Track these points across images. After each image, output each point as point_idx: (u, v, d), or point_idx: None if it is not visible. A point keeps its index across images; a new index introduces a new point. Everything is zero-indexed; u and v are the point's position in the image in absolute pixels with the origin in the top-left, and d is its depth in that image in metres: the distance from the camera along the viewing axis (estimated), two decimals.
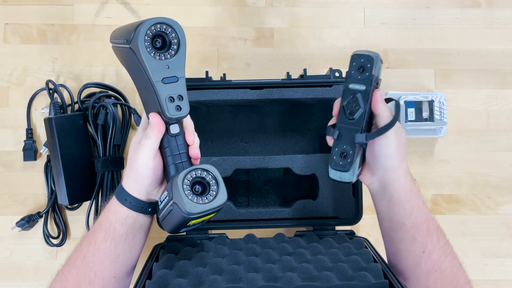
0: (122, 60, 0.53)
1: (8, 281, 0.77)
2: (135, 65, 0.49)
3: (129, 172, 0.52)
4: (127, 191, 0.52)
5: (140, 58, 0.48)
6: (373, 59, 0.52)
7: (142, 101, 0.53)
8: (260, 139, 0.78)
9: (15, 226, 0.75)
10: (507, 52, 0.83)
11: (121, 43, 0.50)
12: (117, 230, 0.52)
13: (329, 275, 0.51)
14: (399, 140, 0.53)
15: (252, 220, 0.69)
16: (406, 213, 0.53)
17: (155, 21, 0.48)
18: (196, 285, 0.52)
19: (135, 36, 0.47)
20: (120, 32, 0.51)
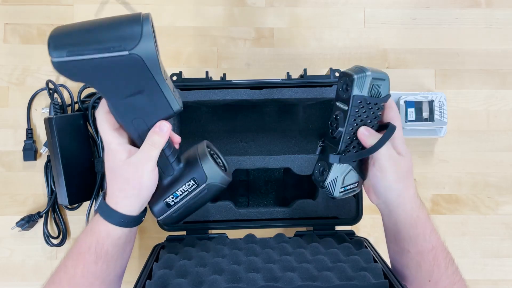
0: (98, 75, 0.43)
1: (8, 281, 0.77)
2: (131, 74, 0.44)
3: (126, 191, 0.48)
4: (120, 212, 0.48)
5: (151, 62, 0.43)
6: (353, 79, 0.48)
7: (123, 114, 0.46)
8: (260, 139, 0.78)
9: (15, 226, 0.75)
10: (507, 52, 0.83)
11: (109, 52, 0.42)
12: (110, 252, 0.49)
13: (329, 275, 0.51)
14: (398, 170, 0.51)
15: (252, 220, 0.69)
16: (411, 240, 0.52)
17: (148, 16, 0.43)
18: (196, 285, 0.52)
19: (145, 37, 0.42)
20: (95, 39, 0.42)
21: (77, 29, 0.43)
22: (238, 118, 0.77)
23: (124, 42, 0.42)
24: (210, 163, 0.51)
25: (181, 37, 0.82)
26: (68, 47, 0.42)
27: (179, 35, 0.82)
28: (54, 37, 0.42)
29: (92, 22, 0.43)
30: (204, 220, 0.69)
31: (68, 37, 0.43)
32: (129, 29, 0.42)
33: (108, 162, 0.48)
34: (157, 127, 0.47)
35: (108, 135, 0.47)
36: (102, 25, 0.43)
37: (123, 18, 0.44)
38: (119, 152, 0.47)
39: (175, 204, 0.51)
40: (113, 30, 0.43)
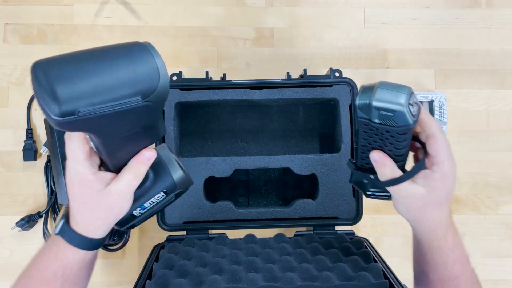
0: (101, 123, 0.38)
1: (8, 281, 0.77)
2: (139, 117, 0.40)
3: (105, 219, 0.45)
4: (89, 237, 0.45)
5: (163, 102, 0.40)
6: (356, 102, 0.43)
7: (109, 146, 0.42)
8: (260, 139, 0.78)
9: (15, 226, 0.75)
10: (507, 52, 0.83)
11: (125, 105, 0.37)
12: (79, 275, 0.46)
13: (329, 275, 0.51)
14: (411, 202, 0.46)
15: (252, 220, 0.69)
16: (430, 266, 0.48)
17: (157, 52, 0.40)
18: (196, 285, 0.52)
19: (162, 85, 0.39)
20: (108, 89, 0.37)
21: (84, 74, 0.37)
22: (238, 118, 0.77)
23: (141, 92, 0.38)
24: (179, 171, 0.47)
25: (181, 37, 0.82)
26: (79, 104, 0.36)
27: (179, 35, 0.82)
28: (58, 88, 0.35)
29: (98, 63, 0.37)
30: (204, 220, 0.69)
31: (77, 88, 0.36)
32: (146, 76, 0.38)
33: (82, 194, 0.43)
34: (143, 156, 0.44)
35: (81, 166, 0.43)
36: (113, 69, 0.37)
37: (133, 57, 0.39)
38: (94, 183, 0.43)
39: (141, 215, 0.48)
40: (128, 76, 0.38)
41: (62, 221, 0.46)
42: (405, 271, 0.56)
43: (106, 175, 0.44)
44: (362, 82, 0.84)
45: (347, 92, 0.69)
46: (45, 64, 0.37)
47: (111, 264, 0.78)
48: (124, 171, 0.44)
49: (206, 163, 0.68)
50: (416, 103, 0.42)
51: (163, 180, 0.47)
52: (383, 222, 0.79)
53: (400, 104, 0.40)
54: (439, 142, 0.44)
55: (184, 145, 0.76)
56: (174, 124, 0.69)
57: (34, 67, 0.36)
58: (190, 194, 0.68)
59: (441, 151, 0.44)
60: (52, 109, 0.35)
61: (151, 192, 0.47)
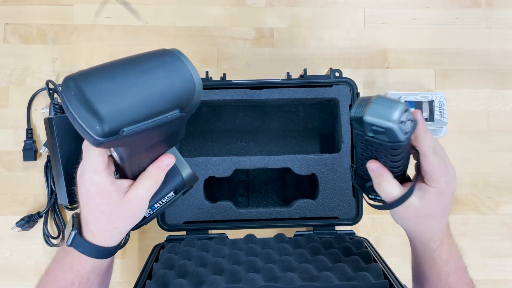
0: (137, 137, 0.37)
1: (8, 281, 0.77)
2: (170, 127, 0.39)
3: (122, 228, 0.44)
4: (105, 247, 0.45)
5: (193, 111, 0.40)
6: (351, 115, 0.44)
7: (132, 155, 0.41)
8: (260, 139, 0.78)
9: (15, 226, 0.75)
10: (507, 52, 0.83)
11: (164, 119, 0.37)
12: (97, 282, 0.46)
13: (329, 275, 0.51)
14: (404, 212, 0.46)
15: (252, 220, 0.69)
16: (426, 277, 0.49)
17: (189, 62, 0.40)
18: (196, 285, 0.52)
19: (197, 95, 0.39)
20: (150, 105, 0.36)
21: (124, 90, 0.35)
22: (238, 118, 0.77)
23: (180, 104, 0.37)
24: (187, 168, 0.47)
25: (181, 37, 0.82)
26: (123, 123, 0.35)
27: (179, 35, 0.82)
28: (101, 106, 0.33)
29: (135, 77, 0.36)
30: (204, 220, 0.69)
31: (120, 106, 0.34)
32: (184, 87, 0.38)
33: (100, 205, 0.42)
34: (162, 162, 0.43)
35: (99, 177, 0.41)
36: (151, 83, 0.36)
37: (168, 68, 0.38)
38: (113, 193, 0.42)
39: (150, 216, 0.48)
40: (167, 90, 0.37)
41: (74, 232, 0.44)
42: (405, 271, 0.56)
43: (123, 183, 0.43)
44: (362, 82, 0.85)
45: (347, 92, 0.69)
46: (79, 79, 0.34)
47: None
48: (143, 178, 0.43)
49: (206, 163, 0.68)
50: (412, 120, 0.42)
51: (174, 180, 0.47)
52: (383, 222, 0.79)
53: (391, 121, 0.40)
54: (430, 162, 0.44)
55: (184, 145, 0.76)
56: None
57: (67, 83, 0.34)
58: (190, 194, 0.68)
59: (434, 170, 0.44)
60: (95, 130, 0.33)
61: (162, 192, 0.46)
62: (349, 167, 0.51)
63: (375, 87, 0.82)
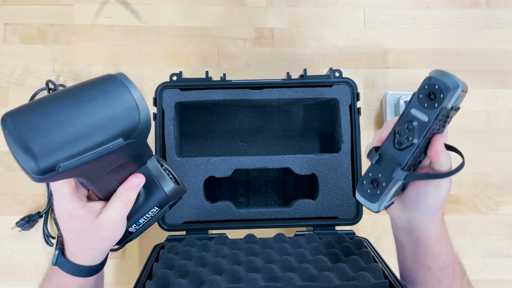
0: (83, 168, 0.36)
1: (8, 281, 0.77)
2: (123, 155, 0.39)
3: (99, 248, 0.45)
4: (86, 266, 0.45)
5: (146, 135, 0.39)
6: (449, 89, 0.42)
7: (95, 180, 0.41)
8: (260, 139, 0.78)
9: (15, 226, 0.75)
10: (507, 52, 0.83)
11: (106, 150, 0.36)
12: None
13: (329, 275, 0.51)
14: (448, 192, 0.47)
15: (252, 220, 0.69)
16: (433, 257, 0.50)
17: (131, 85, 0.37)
18: (196, 285, 0.52)
19: (144, 121, 0.37)
20: (86, 136, 0.35)
21: (59, 124, 0.34)
22: (238, 118, 0.77)
23: (122, 133, 0.36)
24: (169, 182, 0.46)
25: (181, 37, 0.82)
26: (58, 159, 0.34)
27: (179, 35, 0.82)
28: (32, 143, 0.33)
29: (72, 109, 0.35)
30: (204, 220, 0.69)
31: (53, 141, 0.33)
32: (126, 115, 0.36)
33: (73, 228, 0.43)
34: (131, 183, 0.43)
35: (67, 202, 0.41)
36: (89, 114, 0.35)
37: (109, 96, 0.36)
38: (84, 216, 0.42)
39: (136, 231, 0.48)
40: (106, 120, 0.35)
41: (57, 252, 0.45)
42: None
43: (95, 205, 0.44)
44: (362, 82, 0.84)
45: (347, 92, 0.69)
46: (15, 116, 0.34)
47: (111, 264, 0.78)
48: (114, 199, 0.43)
49: (206, 163, 0.68)
50: None
51: (156, 195, 0.46)
52: (383, 222, 0.80)
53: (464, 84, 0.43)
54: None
55: (184, 145, 0.76)
56: (174, 124, 0.69)
57: (4, 121, 0.34)
58: (190, 194, 0.68)
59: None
60: (30, 167, 0.33)
61: (145, 208, 0.46)
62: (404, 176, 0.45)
63: (375, 87, 0.82)
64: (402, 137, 0.44)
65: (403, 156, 0.44)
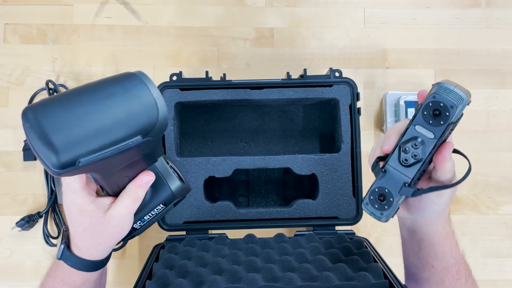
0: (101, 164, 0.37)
1: (8, 281, 0.77)
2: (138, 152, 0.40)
3: (107, 243, 0.45)
4: (92, 260, 0.46)
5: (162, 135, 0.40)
6: (455, 106, 0.41)
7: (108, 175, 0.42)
8: (260, 139, 0.78)
9: (15, 226, 0.75)
10: (507, 52, 0.83)
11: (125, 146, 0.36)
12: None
13: (329, 275, 0.51)
14: (452, 197, 0.47)
15: (252, 220, 0.69)
16: (437, 257, 0.49)
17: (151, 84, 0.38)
18: (196, 285, 0.52)
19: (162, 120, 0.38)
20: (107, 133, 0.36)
21: (80, 119, 0.35)
22: (238, 118, 0.77)
23: (141, 131, 0.37)
24: (176, 181, 0.47)
25: (181, 37, 0.82)
26: (79, 153, 0.34)
27: (179, 35, 0.82)
28: (55, 137, 0.33)
29: (93, 104, 0.36)
30: (204, 220, 0.69)
31: (75, 136, 0.34)
32: (145, 112, 0.37)
33: (82, 222, 0.44)
34: (141, 180, 0.44)
35: (78, 196, 0.42)
36: (110, 110, 0.36)
37: (129, 93, 0.37)
38: (94, 211, 0.43)
39: (141, 227, 0.49)
40: (126, 117, 0.36)
41: (62, 246, 0.46)
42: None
43: (104, 200, 0.44)
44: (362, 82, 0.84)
45: (347, 92, 0.69)
46: (37, 109, 0.35)
47: (111, 264, 0.78)
48: (123, 196, 0.44)
49: (206, 163, 0.68)
50: None
51: (162, 193, 0.47)
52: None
53: (469, 96, 0.42)
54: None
55: (184, 145, 0.76)
56: (174, 124, 0.69)
57: (25, 115, 0.34)
58: (190, 194, 0.68)
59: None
60: (51, 161, 0.34)
61: (151, 205, 0.47)
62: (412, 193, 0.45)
63: (375, 87, 0.82)
64: (408, 154, 0.44)
65: (409, 172, 0.44)
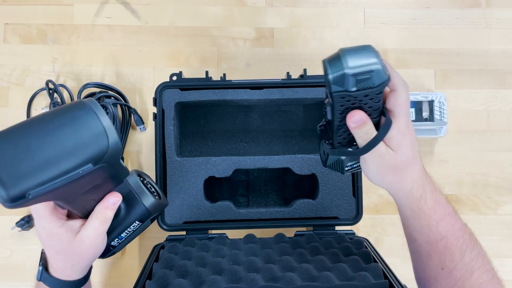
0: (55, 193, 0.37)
1: (8, 281, 0.77)
2: (94, 178, 0.40)
3: (80, 264, 0.46)
4: (69, 280, 0.47)
5: (116, 158, 0.40)
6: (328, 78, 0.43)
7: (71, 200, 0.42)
8: (260, 139, 0.78)
9: (15, 226, 0.75)
10: (507, 52, 0.83)
11: (76, 175, 0.37)
12: None
13: (329, 275, 0.51)
14: (383, 166, 0.45)
15: (252, 220, 0.69)
16: (416, 230, 0.47)
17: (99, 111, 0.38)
18: (196, 285, 0.52)
19: (112, 146, 0.38)
20: (56, 163, 0.36)
21: (27, 152, 0.35)
22: (238, 118, 0.77)
23: (92, 159, 0.37)
24: (149, 197, 0.48)
25: (181, 37, 0.82)
26: (28, 186, 0.35)
27: (179, 35, 0.82)
28: (2, 173, 0.34)
29: (40, 137, 0.36)
30: (204, 220, 0.69)
31: (22, 169, 0.34)
32: (94, 141, 0.37)
33: (53, 246, 0.45)
34: (107, 202, 0.44)
35: (46, 221, 0.43)
36: (57, 141, 0.36)
37: (77, 123, 0.36)
38: (64, 235, 0.44)
39: (119, 244, 0.50)
40: (74, 147, 0.36)
41: (40, 268, 0.47)
42: (405, 271, 0.56)
43: (74, 223, 0.45)
44: None
45: None
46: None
47: (111, 264, 0.78)
48: (91, 218, 0.45)
49: (206, 163, 0.68)
50: (381, 58, 0.42)
51: (136, 210, 0.47)
52: (383, 222, 0.80)
53: (375, 63, 0.40)
54: (399, 97, 0.43)
55: (184, 145, 0.76)
56: (174, 124, 0.69)
57: None
58: (190, 194, 0.68)
59: (400, 106, 0.43)
60: (0, 195, 0.34)
61: (126, 222, 0.48)
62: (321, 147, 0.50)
63: None
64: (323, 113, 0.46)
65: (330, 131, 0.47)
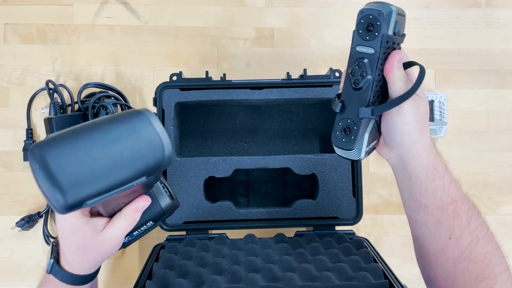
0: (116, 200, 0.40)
1: (8, 281, 0.77)
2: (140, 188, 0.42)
3: (98, 260, 0.47)
4: (81, 275, 0.47)
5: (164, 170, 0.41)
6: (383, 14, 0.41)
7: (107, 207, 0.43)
8: (260, 139, 0.78)
9: (15, 226, 0.75)
10: (507, 52, 0.83)
11: (131, 186, 0.37)
12: None
13: (329, 275, 0.51)
14: (418, 113, 0.45)
15: (252, 220, 0.69)
16: (428, 194, 0.46)
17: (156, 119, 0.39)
18: (197, 285, 0.52)
19: (167, 155, 0.38)
20: (115, 175, 0.36)
21: (88, 160, 0.34)
22: (238, 118, 0.77)
23: (147, 172, 0.37)
24: (166, 199, 0.48)
25: (181, 37, 0.82)
26: (86, 195, 0.34)
27: (179, 35, 0.82)
28: (62, 178, 0.33)
29: (101, 144, 0.35)
30: (204, 220, 0.69)
31: (82, 177, 0.34)
32: (152, 154, 0.37)
33: (75, 241, 0.44)
34: (138, 205, 0.45)
35: (73, 217, 0.43)
36: (117, 152, 0.35)
37: (136, 134, 0.36)
38: (88, 232, 0.44)
39: (129, 242, 0.50)
40: (134, 161, 0.36)
41: (52, 261, 0.46)
42: (405, 271, 0.56)
43: (98, 221, 0.45)
44: None
45: None
46: (45, 149, 0.34)
47: (111, 264, 0.78)
48: (119, 218, 0.44)
49: (206, 163, 0.68)
50: None
51: (152, 210, 0.48)
52: (383, 222, 0.80)
53: (397, 7, 0.43)
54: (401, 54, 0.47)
55: (184, 145, 0.76)
56: (174, 124, 0.69)
57: (33, 153, 0.34)
58: (190, 194, 0.68)
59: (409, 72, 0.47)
60: (58, 202, 0.34)
61: (140, 221, 0.47)
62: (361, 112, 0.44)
63: None
64: (357, 76, 0.44)
65: (364, 94, 0.44)
